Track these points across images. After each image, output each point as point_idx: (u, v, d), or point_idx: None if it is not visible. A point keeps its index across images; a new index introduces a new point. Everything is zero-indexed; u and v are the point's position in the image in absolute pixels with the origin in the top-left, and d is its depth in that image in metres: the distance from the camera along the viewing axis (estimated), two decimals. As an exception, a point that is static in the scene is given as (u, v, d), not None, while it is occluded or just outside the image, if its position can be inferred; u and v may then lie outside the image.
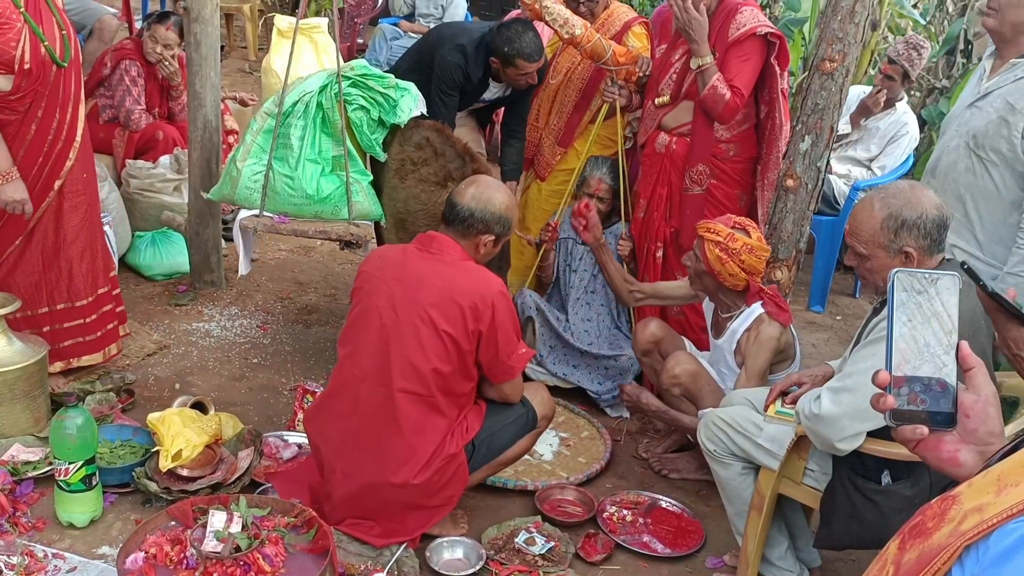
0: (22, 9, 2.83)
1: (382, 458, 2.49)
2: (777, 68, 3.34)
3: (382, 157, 3.44)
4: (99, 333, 3.31)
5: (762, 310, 2.91)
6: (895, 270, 0.98)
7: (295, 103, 3.33)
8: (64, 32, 2.99)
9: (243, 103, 5.33)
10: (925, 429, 0.97)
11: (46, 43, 2.89)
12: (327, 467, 2.61)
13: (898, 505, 2.23)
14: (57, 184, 3.05)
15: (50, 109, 2.97)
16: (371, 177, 3.44)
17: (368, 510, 2.56)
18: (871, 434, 2.21)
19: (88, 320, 3.26)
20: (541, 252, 3.86)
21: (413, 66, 3.86)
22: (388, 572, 2.44)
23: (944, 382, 0.97)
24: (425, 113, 3.46)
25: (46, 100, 2.95)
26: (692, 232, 3.21)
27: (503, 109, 4.09)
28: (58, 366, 3.21)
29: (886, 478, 2.29)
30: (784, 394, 2.59)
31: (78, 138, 3.08)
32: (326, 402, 2.66)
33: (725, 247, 2.85)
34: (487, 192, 2.58)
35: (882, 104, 4.84)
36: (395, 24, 6.92)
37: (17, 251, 3.08)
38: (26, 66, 2.84)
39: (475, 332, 2.46)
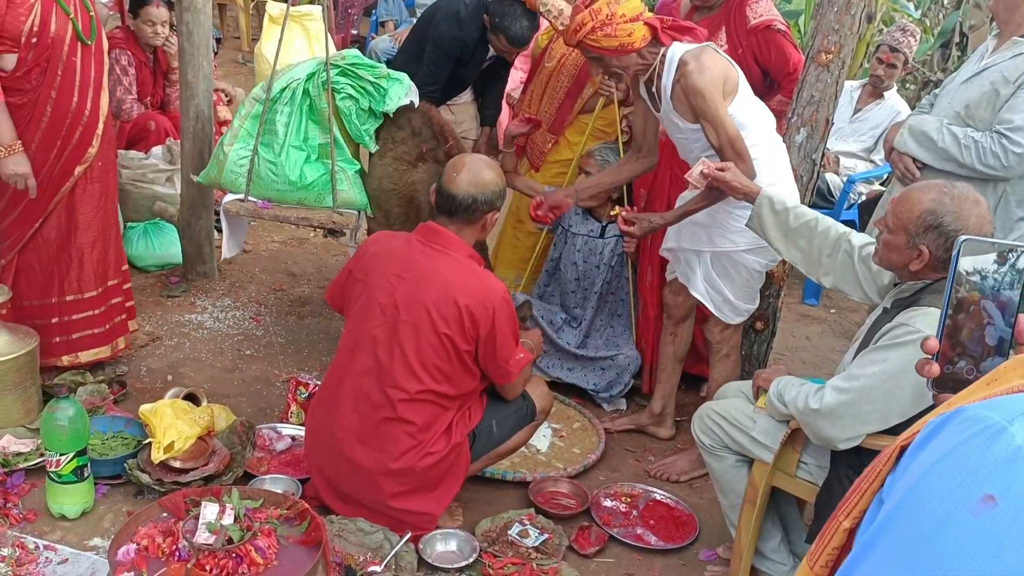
0: None
1: (385, 451, 2.50)
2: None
3: (371, 147, 3.43)
4: (107, 326, 3.27)
5: (679, 51, 2.72)
6: (963, 237, 0.91)
7: (283, 89, 3.32)
8: (92, 14, 2.95)
9: (227, 99, 5.22)
10: None
11: (72, 16, 2.85)
12: (328, 462, 2.61)
13: None
14: (78, 170, 3.02)
15: (66, 90, 2.92)
16: (358, 166, 3.43)
17: (370, 501, 2.57)
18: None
19: (96, 312, 3.22)
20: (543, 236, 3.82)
21: (411, 56, 3.83)
22: (386, 566, 2.43)
23: (996, 353, 0.93)
24: (416, 103, 3.45)
25: (60, 80, 2.90)
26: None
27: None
28: (65, 360, 3.19)
29: None
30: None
31: (100, 125, 3.04)
32: (328, 394, 2.63)
33: (602, 24, 2.67)
34: (479, 173, 2.53)
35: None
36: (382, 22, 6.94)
37: (34, 235, 3.05)
38: (33, 40, 2.79)
39: (473, 336, 2.46)
